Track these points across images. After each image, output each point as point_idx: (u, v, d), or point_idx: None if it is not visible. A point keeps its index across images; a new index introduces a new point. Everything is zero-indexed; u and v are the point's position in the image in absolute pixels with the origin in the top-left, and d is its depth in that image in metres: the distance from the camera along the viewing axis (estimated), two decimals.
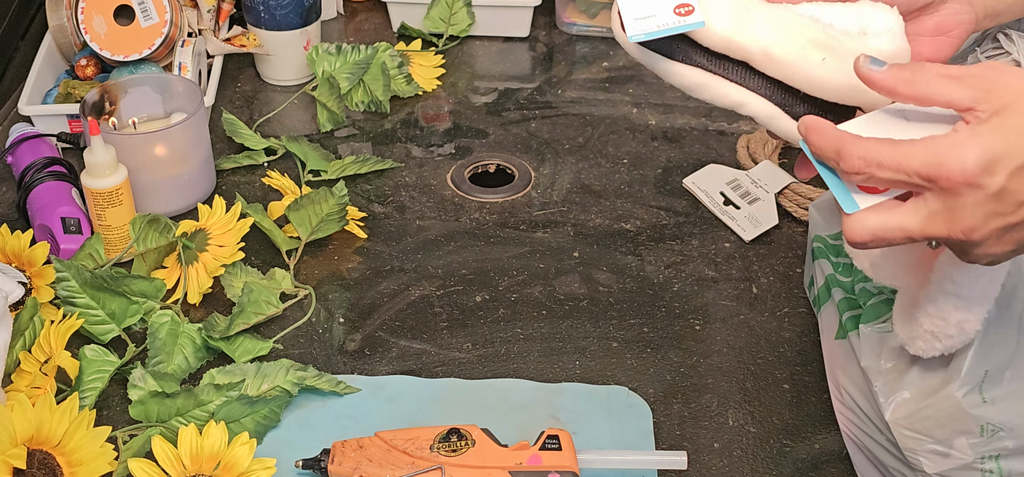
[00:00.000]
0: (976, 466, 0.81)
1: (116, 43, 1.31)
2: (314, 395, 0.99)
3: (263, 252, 1.16)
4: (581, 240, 1.18)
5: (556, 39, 1.54)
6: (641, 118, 1.37)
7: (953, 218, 0.64)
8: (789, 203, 1.20)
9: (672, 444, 0.95)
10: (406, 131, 1.36)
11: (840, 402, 0.93)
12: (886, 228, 0.66)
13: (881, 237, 0.66)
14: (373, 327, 1.08)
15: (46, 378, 0.97)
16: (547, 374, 1.02)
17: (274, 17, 1.39)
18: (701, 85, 0.73)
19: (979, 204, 0.63)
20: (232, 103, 1.41)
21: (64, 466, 0.88)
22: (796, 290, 1.10)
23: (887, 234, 0.66)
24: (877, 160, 0.65)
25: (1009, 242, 0.66)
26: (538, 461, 0.87)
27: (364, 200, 1.24)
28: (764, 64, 0.71)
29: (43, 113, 1.30)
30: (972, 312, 0.76)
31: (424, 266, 1.15)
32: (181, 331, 1.03)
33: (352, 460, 0.89)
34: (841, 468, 0.93)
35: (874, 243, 0.67)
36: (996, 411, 0.79)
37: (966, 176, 0.62)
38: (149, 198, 1.18)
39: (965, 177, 0.63)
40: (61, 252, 1.11)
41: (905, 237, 0.66)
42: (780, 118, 0.72)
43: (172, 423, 0.95)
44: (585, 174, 1.28)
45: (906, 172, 0.64)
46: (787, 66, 0.70)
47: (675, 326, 1.07)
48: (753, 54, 0.70)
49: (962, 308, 0.76)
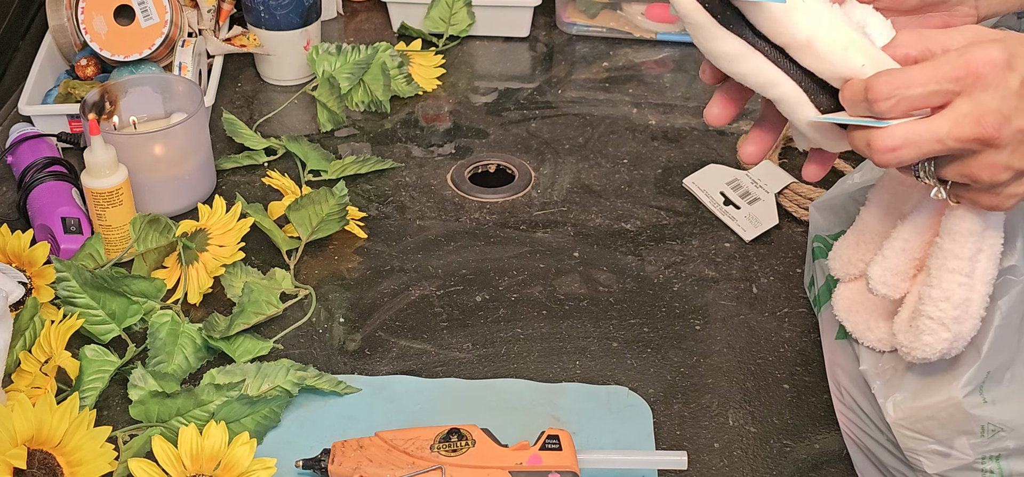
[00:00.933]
0: (977, 466, 0.81)
1: (116, 43, 1.31)
2: (314, 395, 0.99)
3: (263, 252, 1.16)
4: (581, 240, 1.18)
5: (556, 39, 1.54)
6: (641, 118, 1.38)
7: (981, 114, 0.66)
8: (789, 203, 1.20)
9: (672, 444, 0.95)
10: (406, 131, 1.36)
11: (841, 402, 0.93)
12: (917, 131, 0.68)
13: (913, 140, 0.68)
14: (373, 327, 1.08)
15: (46, 378, 0.97)
16: (547, 374, 1.02)
17: (274, 17, 1.39)
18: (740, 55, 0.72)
19: (1004, 99, 0.66)
20: (232, 103, 1.41)
21: (64, 466, 0.88)
22: (796, 290, 1.11)
23: (919, 138, 0.68)
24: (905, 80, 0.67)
25: None
26: (538, 461, 0.87)
27: (364, 200, 1.24)
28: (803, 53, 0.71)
29: (43, 113, 1.30)
30: (975, 291, 0.76)
31: (424, 266, 1.15)
32: (181, 331, 1.03)
33: (352, 460, 0.89)
34: (841, 468, 0.93)
35: (906, 148, 0.68)
36: (997, 411, 0.79)
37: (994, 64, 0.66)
38: (149, 198, 1.18)
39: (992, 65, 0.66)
40: (61, 252, 1.11)
41: (936, 140, 0.68)
42: (806, 105, 0.73)
43: (172, 423, 0.95)
44: (585, 174, 1.28)
45: (936, 79, 0.67)
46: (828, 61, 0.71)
47: (675, 326, 1.07)
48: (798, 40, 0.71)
49: (965, 286, 0.76)
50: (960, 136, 0.67)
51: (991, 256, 0.76)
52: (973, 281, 0.76)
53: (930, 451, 0.82)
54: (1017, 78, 0.66)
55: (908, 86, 0.67)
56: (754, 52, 0.72)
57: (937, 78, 0.67)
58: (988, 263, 0.76)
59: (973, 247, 0.75)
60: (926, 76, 0.67)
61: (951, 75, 0.67)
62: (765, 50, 0.72)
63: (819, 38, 0.70)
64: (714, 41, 0.72)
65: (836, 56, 0.70)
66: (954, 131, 0.67)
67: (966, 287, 0.76)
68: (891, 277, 0.81)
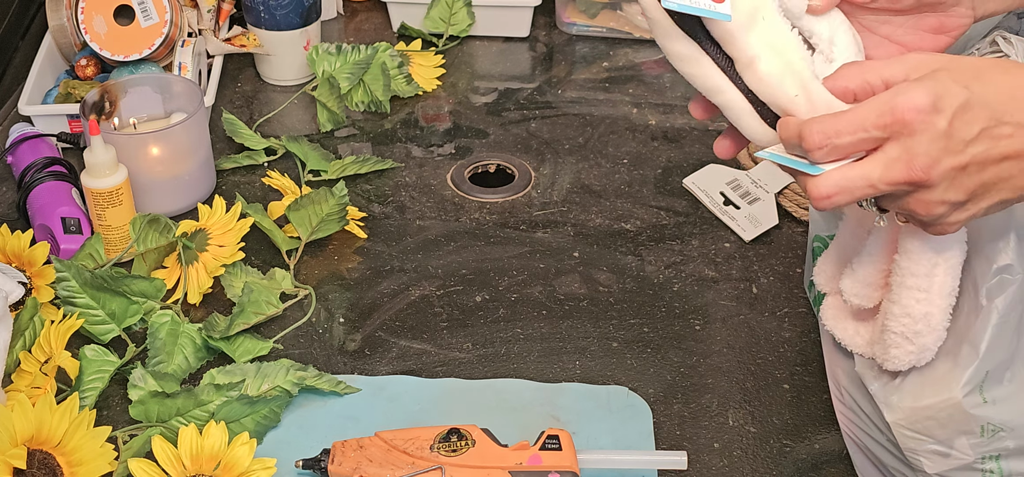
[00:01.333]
0: (977, 466, 0.81)
1: (116, 43, 1.31)
2: (314, 395, 0.99)
3: (263, 252, 1.16)
4: (581, 240, 1.18)
5: (556, 39, 1.54)
6: (641, 118, 1.38)
7: (910, 158, 0.68)
8: (789, 203, 1.20)
9: (672, 444, 0.95)
10: (406, 131, 1.36)
11: (840, 402, 0.93)
12: (849, 178, 0.70)
13: (845, 187, 0.70)
14: (373, 327, 1.08)
15: (46, 378, 0.97)
16: (547, 374, 1.02)
17: (274, 17, 1.39)
18: (691, 58, 0.75)
19: (932, 141, 0.67)
20: (232, 103, 1.41)
21: (64, 466, 0.88)
22: (796, 290, 1.10)
23: (851, 184, 0.70)
24: (835, 128, 0.69)
25: (962, 189, 0.69)
26: (538, 461, 0.87)
27: (364, 200, 1.24)
28: (746, 71, 0.74)
29: (43, 113, 1.30)
30: (934, 305, 0.78)
31: (424, 266, 1.15)
32: (181, 331, 1.03)
33: (352, 460, 0.89)
34: (841, 468, 0.93)
35: (839, 195, 0.70)
36: (997, 411, 0.79)
37: (918, 110, 0.67)
38: (149, 198, 1.18)
39: (917, 111, 0.67)
40: (61, 252, 1.11)
41: (868, 186, 0.70)
42: (749, 116, 0.76)
43: (172, 423, 0.95)
44: (585, 174, 1.28)
45: (863, 128, 0.68)
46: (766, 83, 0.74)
47: (675, 326, 1.07)
48: (744, 57, 0.73)
49: (924, 301, 0.78)
50: (891, 179, 0.69)
51: (948, 269, 0.78)
52: (931, 295, 0.78)
53: (930, 451, 0.82)
54: (944, 119, 0.67)
55: (838, 134, 0.69)
56: (705, 57, 0.75)
57: (865, 126, 0.69)
58: (946, 276, 0.78)
59: (928, 263, 0.77)
60: (854, 124, 0.69)
61: (878, 122, 0.68)
62: (716, 57, 0.74)
63: (761, 60, 0.73)
64: (668, 39, 0.75)
65: (773, 80, 0.73)
66: (885, 175, 0.69)
67: (925, 302, 0.78)
68: (862, 288, 0.84)
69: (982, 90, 0.68)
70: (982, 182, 0.70)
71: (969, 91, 0.68)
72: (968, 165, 0.68)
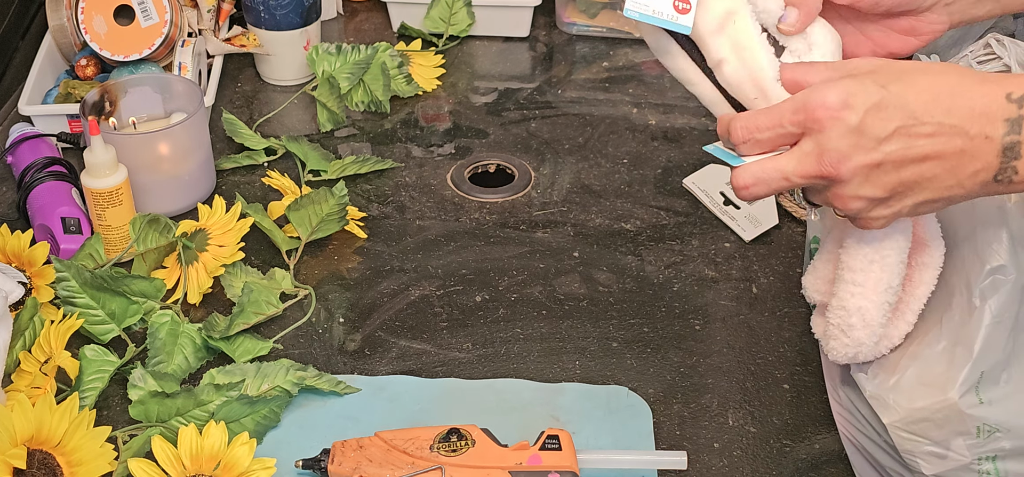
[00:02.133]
0: (973, 467, 0.81)
1: (116, 43, 1.31)
2: (314, 395, 0.99)
3: (263, 252, 1.16)
4: (581, 240, 1.18)
5: (556, 39, 1.54)
6: (641, 118, 1.38)
7: (821, 153, 0.71)
8: (789, 203, 1.20)
9: (672, 444, 0.95)
10: (406, 131, 1.36)
11: (837, 403, 0.93)
12: (766, 170, 0.74)
13: (762, 178, 0.74)
14: (373, 327, 1.08)
15: (46, 378, 0.97)
16: (547, 374, 1.02)
17: (274, 17, 1.39)
18: (666, 51, 0.80)
19: (842, 137, 0.70)
20: (232, 103, 1.41)
21: (64, 466, 0.88)
22: (796, 290, 1.11)
23: (767, 176, 0.74)
24: (756, 124, 0.73)
25: (879, 186, 0.72)
26: (538, 461, 0.87)
27: (364, 200, 1.24)
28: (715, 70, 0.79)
29: (43, 113, 1.30)
30: (868, 300, 0.80)
31: (424, 266, 1.15)
32: (181, 331, 1.03)
33: (352, 460, 0.89)
34: (841, 468, 0.93)
35: (757, 185, 0.74)
36: (993, 412, 0.79)
37: (828, 109, 0.70)
38: (149, 198, 1.18)
39: (827, 110, 0.70)
40: (61, 252, 1.11)
41: (783, 178, 0.73)
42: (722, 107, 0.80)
43: (172, 423, 0.95)
44: (585, 174, 1.28)
45: (780, 123, 0.72)
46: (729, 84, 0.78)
47: (675, 326, 1.07)
48: (710, 59, 0.78)
49: (859, 295, 0.80)
50: (804, 173, 0.72)
51: (886, 266, 0.80)
52: (866, 290, 0.80)
53: (927, 453, 0.82)
54: (855, 116, 0.70)
55: (759, 129, 0.73)
56: (681, 53, 0.80)
57: (781, 122, 0.72)
58: (883, 273, 0.80)
59: (865, 258, 0.80)
60: (773, 120, 0.73)
61: (793, 119, 0.72)
62: (691, 53, 0.79)
63: (727, 64, 0.77)
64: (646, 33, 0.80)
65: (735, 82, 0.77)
66: (798, 169, 0.73)
67: (859, 296, 0.80)
68: (821, 284, 0.86)
69: (901, 90, 0.70)
70: (901, 180, 0.71)
71: (885, 91, 0.70)
72: (883, 162, 0.71)
